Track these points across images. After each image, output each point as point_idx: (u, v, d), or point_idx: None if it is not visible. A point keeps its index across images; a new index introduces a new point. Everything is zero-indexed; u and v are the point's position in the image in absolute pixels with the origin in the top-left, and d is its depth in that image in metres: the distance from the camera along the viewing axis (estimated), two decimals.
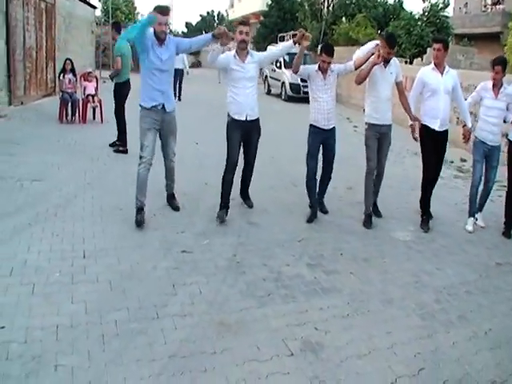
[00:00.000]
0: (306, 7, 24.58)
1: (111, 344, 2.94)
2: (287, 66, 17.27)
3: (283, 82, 18.33)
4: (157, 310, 3.35)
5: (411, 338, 3.33)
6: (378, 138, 5.58)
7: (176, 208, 5.42)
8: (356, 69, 5.43)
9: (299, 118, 5.57)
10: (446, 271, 4.46)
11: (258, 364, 2.89)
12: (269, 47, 20.99)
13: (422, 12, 19.92)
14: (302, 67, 5.34)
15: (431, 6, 19.52)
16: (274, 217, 5.47)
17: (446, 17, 20.05)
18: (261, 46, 28.33)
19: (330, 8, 23.16)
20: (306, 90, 18.06)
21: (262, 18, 31.14)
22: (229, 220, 5.23)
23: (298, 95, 17.41)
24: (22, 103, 11.25)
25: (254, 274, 4.04)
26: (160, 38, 4.81)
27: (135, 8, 39.38)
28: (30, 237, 4.39)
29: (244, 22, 5.25)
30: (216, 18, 48.03)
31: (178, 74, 16.73)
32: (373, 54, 5.25)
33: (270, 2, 29.51)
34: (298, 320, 3.40)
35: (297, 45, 5.23)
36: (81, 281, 3.69)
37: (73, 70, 10.21)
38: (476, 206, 5.83)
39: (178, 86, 16.64)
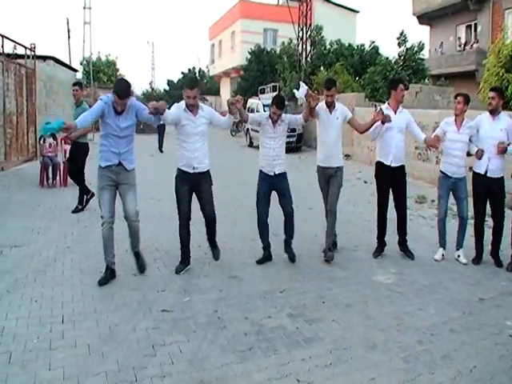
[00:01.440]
0: (285, 59, 25.33)
1: None
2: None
3: None
4: (135, 373, 3.32)
5: (395, 382, 3.31)
6: (328, 180, 5.83)
7: (141, 269, 5.22)
8: (305, 121, 5.69)
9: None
10: (429, 311, 4.48)
11: None
12: (249, 100, 21.53)
13: (397, 56, 20.55)
14: (250, 116, 5.58)
15: (406, 49, 20.17)
16: (255, 269, 5.49)
17: (422, 59, 20.71)
18: None
19: (309, 59, 23.88)
20: (287, 139, 18.37)
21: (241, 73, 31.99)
22: (210, 275, 5.25)
23: None
24: (2, 169, 11.33)
25: (235, 329, 4.02)
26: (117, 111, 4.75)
27: (117, 69, 40.38)
28: (8, 304, 4.36)
29: (191, 85, 4.96)
30: (197, 75, 49.13)
31: (162, 129, 17.72)
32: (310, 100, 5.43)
33: (249, 56, 30.41)
34: (280, 373, 3.38)
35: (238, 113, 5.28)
36: (59, 346, 3.65)
37: (53, 134, 10.32)
38: (445, 238, 6.01)
39: (160, 139, 17.45)
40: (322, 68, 22.82)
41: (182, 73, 48.75)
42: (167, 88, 49.60)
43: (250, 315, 4.29)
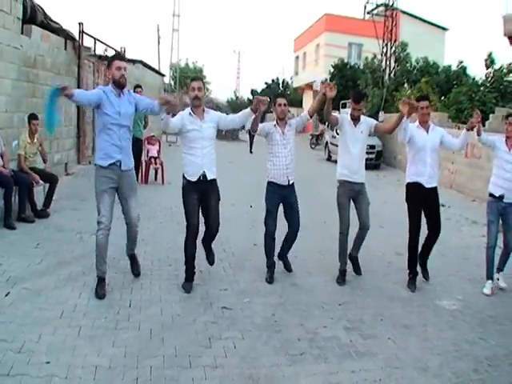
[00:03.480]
0: (368, 74, 25.07)
1: None
2: None
3: None
4: (190, 360, 3.53)
5: None
6: (353, 198, 5.55)
7: (136, 274, 5.07)
8: (311, 117, 5.52)
9: None
10: (490, 341, 4.31)
11: None
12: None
13: (485, 77, 19.76)
14: (260, 126, 5.27)
15: (494, 71, 19.36)
16: (318, 280, 5.53)
17: (510, 82, 19.77)
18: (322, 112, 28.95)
19: (392, 75, 23.48)
20: (366, 156, 18.03)
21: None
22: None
23: None
24: (89, 163, 12.09)
25: (290, 333, 4.12)
26: (119, 84, 4.54)
27: (204, 76, 41.95)
28: (82, 285, 4.76)
29: (196, 77, 5.16)
30: (281, 86, 49.70)
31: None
32: (324, 94, 5.19)
33: (332, 70, 30.39)
34: (328, 381, 3.44)
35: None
36: (124, 327, 3.95)
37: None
38: (493, 269, 5.61)
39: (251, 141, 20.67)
40: (405, 85, 22.31)
41: (266, 83, 49.56)
42: (251, 97, 50.54)
43: (305, 323, 4.36)
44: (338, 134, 6.12)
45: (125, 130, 4.63)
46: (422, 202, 5.55)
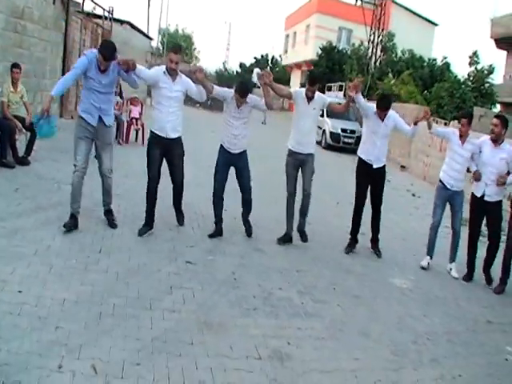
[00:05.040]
0: (354, 60, 25.23)
1: (106, 320, 3.43)
2: (329, 114, 17.68)
3: (324, 130, 18.63)
4: (151, 303, 3.82)
5: (377, 367, 3.58)
6: (300, 166, 5.93)
7: (113, 225, 5.37)
8: (269, 107, 5.74)
9: (337, 168, 6.04)
10: (433, 319, 4.63)
11: (227, 359, 3.28)
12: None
13: (467, 76, 20.09)
14: (215, 88, 5.50)
15: (477, 71, 19.69)
16: (281, 247, 5.83)
17: (492, 84, 20.17)
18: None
19: (378, 63, 23.70)
20: (346, 140, 18.51)
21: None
22: (237, 244, 5.66)
23: (338, 144, 17.97)
24: (71, 117, 12.09)
25: (247, 291, 4.43)
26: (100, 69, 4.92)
27: (193, 43, 41.35)
28: (56, 229, 4.98)
29: (175, 49, 5.22)
30: (270, 62, 49.50)
31: None
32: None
33: (319, 52, 30.40)
34: (275, 333, 3.76)
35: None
36: (92, 270, 4.23)
37: (120, 93, 11.00)
38: (434, 248, 6.14)
39: None
40: (390, 75, 22.57)
41: (255, 58, 49.31)
42: (239, 70, 50.17)
43: (262, 283, 4.67)
44: (320, 115, 6.47)
45: (106, 96, 5.07)
46: (368, 177, 6.08)
